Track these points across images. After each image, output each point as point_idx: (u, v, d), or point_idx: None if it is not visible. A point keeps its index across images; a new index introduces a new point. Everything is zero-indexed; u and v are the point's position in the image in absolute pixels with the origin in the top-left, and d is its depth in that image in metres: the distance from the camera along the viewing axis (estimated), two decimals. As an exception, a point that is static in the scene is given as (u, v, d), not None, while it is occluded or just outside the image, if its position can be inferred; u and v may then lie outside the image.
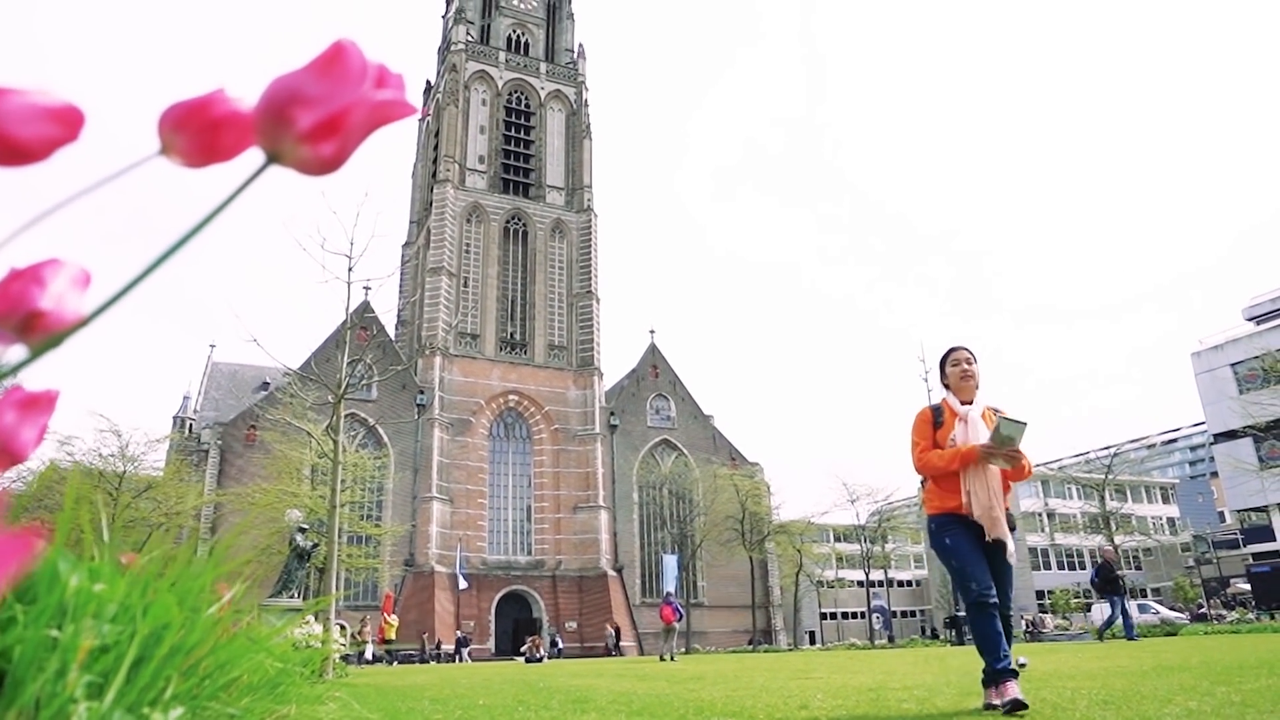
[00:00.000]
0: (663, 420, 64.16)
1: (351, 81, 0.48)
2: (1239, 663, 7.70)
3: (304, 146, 0.47)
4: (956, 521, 4.98)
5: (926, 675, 8.40)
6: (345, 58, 0.49)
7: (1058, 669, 7.03)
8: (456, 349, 57.58)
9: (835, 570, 76.60)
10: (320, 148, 0.48)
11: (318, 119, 0.47)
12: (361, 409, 51.69)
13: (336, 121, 0.47)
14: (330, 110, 0.47)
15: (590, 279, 63.12)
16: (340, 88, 0.48)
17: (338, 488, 15.99)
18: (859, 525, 57.77)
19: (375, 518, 48.98)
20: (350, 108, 0.48)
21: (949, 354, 5.37)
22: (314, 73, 0.48)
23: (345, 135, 0.48)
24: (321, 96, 0.47)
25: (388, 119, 0.50)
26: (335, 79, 0.48)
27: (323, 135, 0.47)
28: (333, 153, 0.48)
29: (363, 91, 0.48)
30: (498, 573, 54.27)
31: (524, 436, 59.41)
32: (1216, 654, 9.74)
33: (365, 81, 0.49)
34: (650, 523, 61.04)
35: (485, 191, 62.70)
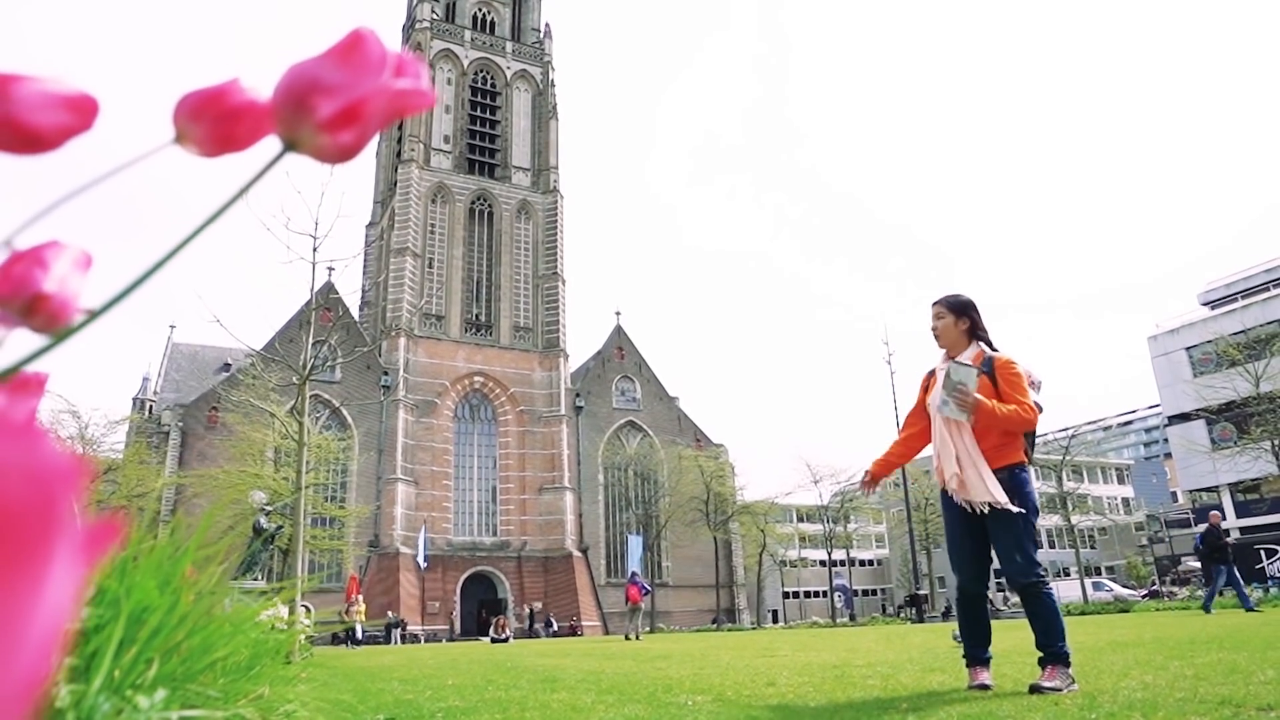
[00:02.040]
0: (628, 402, 64.24)
1: (371, 70, 0.48)
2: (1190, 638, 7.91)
3: (323, 134, 0.48)
4: (946, 497, 4.75)
5: (889, 653, 8.53)
6: (365, 46, 0.49)
7: (1016, 646, 7.18)
8: (421, 330, 57.17)
9: (798, 550, 77.46)
10: (340, 136, 0.48)
11: (338, 107, 0.47)
12: (326, 390, 51.20)
13: (356, 110, 0.47)
14: (351, 99, 0.47)
15: (556, 260, 62.87)
16: (360, 76, 0.48)
17: (303, 470, 15.82)
18: (822, 505, 58.38)
19: (340, 499, 48.65)
20: (370, 96, 0.48)
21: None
22: (334, 61, 0.48)
23: (364, 123, 0.48)
24: (342, 85, 0.47)
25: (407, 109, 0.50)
26: (355, 67, 0.48)
27: (342, 123, 0.48)
28: (352, 140, 0.48)
29: (382, 80, 0.48)
30: (463, 554, 54.19)
31: (489, 418, 59.21)
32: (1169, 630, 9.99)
33: (385, 70, 0.49)
34: (615, 504, 61.21)
35: (450, 172, 62.13)
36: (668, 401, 65.92)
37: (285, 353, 21.12)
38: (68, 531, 0.25)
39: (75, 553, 0.25)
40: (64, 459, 0.25)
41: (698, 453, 58.10)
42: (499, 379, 59.02)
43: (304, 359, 16.42)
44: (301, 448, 16.09)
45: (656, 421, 64.15)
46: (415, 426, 54.76)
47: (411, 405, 54.69)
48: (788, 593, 79.99)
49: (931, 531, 54.58)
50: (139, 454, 39.76)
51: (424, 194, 60.09)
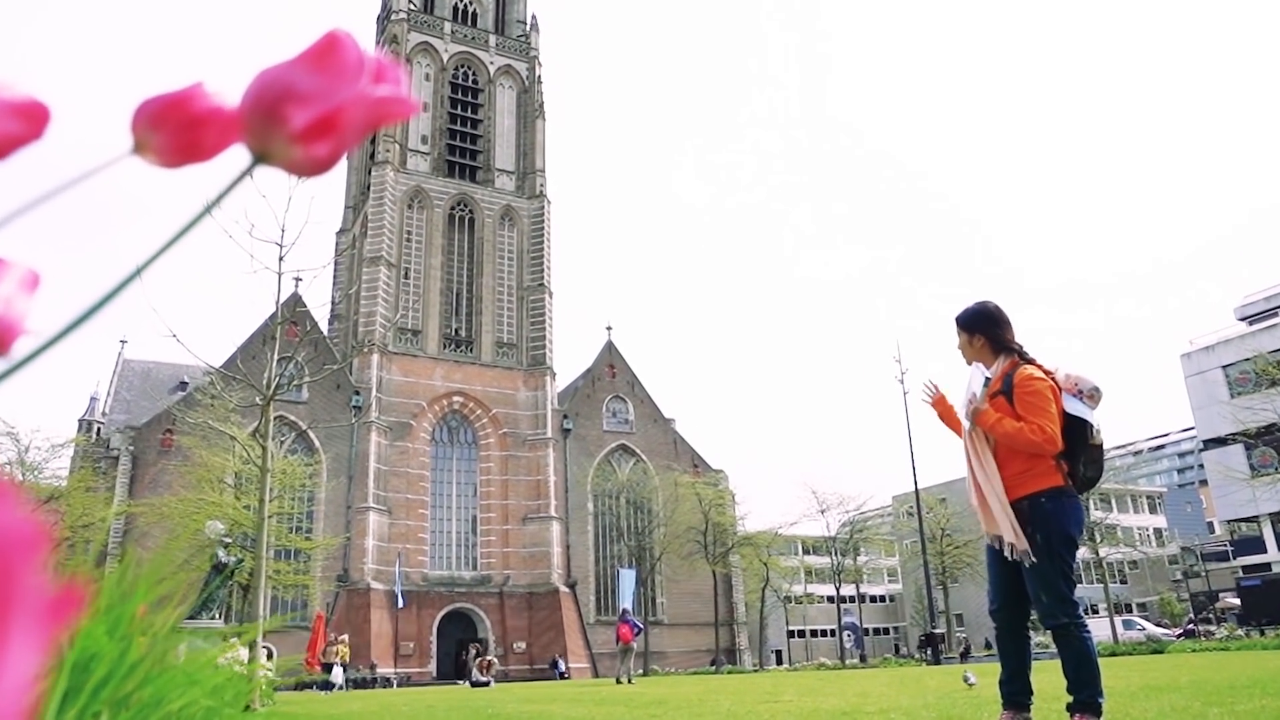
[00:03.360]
0: (620, 424, 64.18)
1: (348, 76, 0.47)
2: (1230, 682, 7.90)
3: (296, 146, 0.47)
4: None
5: (902, 698, 8.50)
6: (340, 50, 0.48)
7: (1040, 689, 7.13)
8: (396, 346, 57.10)
9: (804, 585, 77.16)
10: (314, 148, 0.47)
11: (312, 117, 0.46)
12: (291, 411, 51.05)
13: (332, 120, 0.47)
14: (326, 107, 0.47)
15: (542, 271, 62.94)
16: (336, 83, 0.47)
17: (266, 497, 15.74)
18: (829, 537, 58.26)
19: (306, 530, 48.42)
20: (347, 105, 0.47)
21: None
22: (306, 66, 0.47)
23: (341, 134, 0.47)
24: (316, 92, 0.47)
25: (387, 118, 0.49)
26: (330, 73, 0.47)
27: (317, 134, 0.47)
28: (328, 153, 0.47)
29: (360, 87, 0.48)
30: (440, 589, 53.93)
31: (469, 441, 59.07)
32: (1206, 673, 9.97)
33: (362, 76, 0.48)
34: (606, 534, 61.04)
35: (428, 174, 62.25)
36: (663, 424, 65.85)
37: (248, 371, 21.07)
38: (29, 604, 0.25)
39: (37, 626, 0.25)
40: (24, 525, 0.25)
41: (695, 479, 58.01)
42: (480, 399, 58.93)
43: (268, 377, 16.38)
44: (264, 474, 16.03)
45: (651, 445, 64.08)
46: (389, 451, 54.60)
47: (385, 427, 54.54)
48: (793, 631, 79.75)
49: (948, 565, 54.51)
50: (85, 481, 39.46)
51: (400, 198, 60.17)
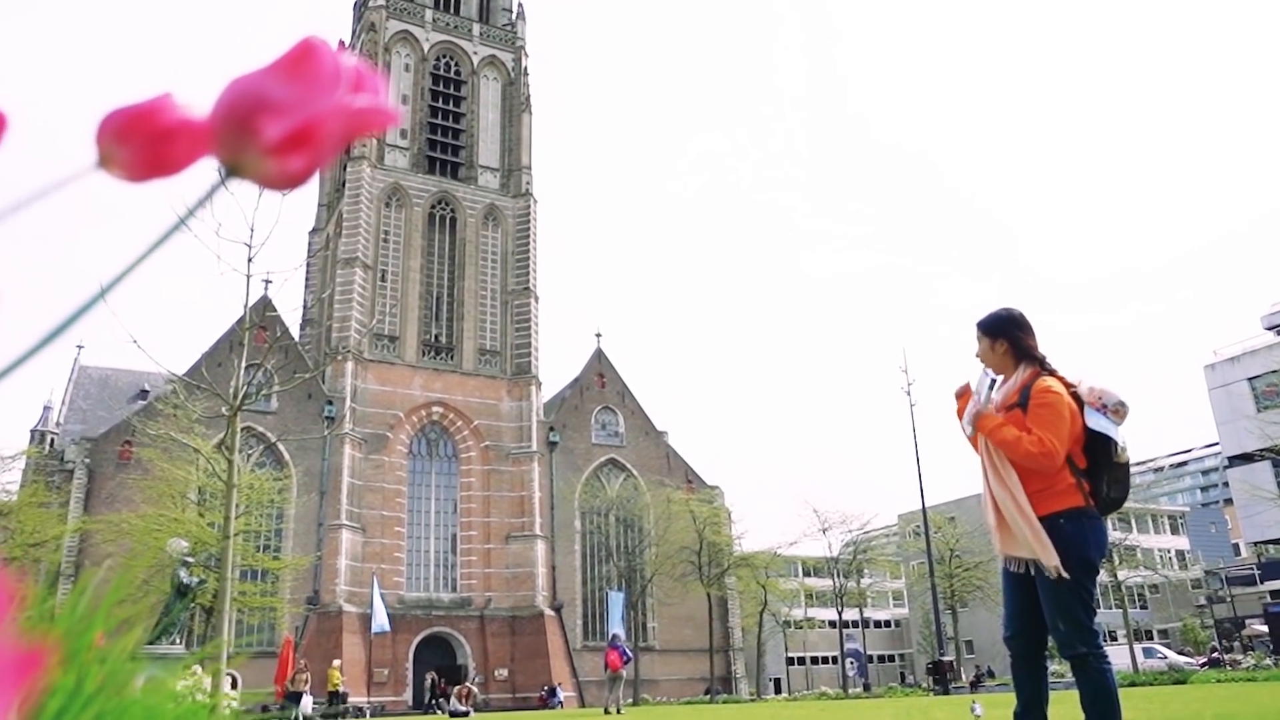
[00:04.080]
0: (610, 436, 64.12)
1: (324, 85, 0.47)
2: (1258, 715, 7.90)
3: (270, 160, 0.47)
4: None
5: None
6: (316, 58, 0.48)
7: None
8: (372, 353, 56.98)
9: (804, 609, 77.20)
10: (289, 161, 0.47)
11: (286, 129, 0.46)
12: (260, 422, 50.85)
13: (308, 132, 0.47)
14: (300, 119, 0.47)
15: (528, 274, 62.92)
16: (311, 93, 0.47)
17: (232, 514, 15.68)
18: (831, 557, 58.31)
19: (274, 549, 48.20)
20: (324, 116, 0.47)
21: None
22: (280, 75, 0.47)
23: (317, 147, 0.47)
24: (290, 103, 0.47)
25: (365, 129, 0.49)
26: (305, 82, 0.47)
27: (292, 147, 0.47)
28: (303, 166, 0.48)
29: (337, 97, 0.48)
30: (416, 612, 53.74)
31: (449, 455, 58.94)
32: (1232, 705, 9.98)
33: (339, 85, 0.48)
34: (594, 554, 60.93)
35: (407, 171, 62.22)
36: (655, 437, 65.82)
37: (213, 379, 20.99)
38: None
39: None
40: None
41: (689, 496, 57.94)
42: (461, 410, 58.83)
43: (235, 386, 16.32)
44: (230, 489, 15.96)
45: (642, 460, 64.03)
46: (363, 464, 54.45)
47: (359, 440, 54.40)
48: (792, 658, 79.66)
49: (958, 588, 54.59)
50: (37, 495, 39.28)
51: (377, 196, 60.11)
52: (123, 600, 1.49)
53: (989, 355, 4.80)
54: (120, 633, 1.47)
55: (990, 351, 4.80)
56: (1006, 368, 4.77)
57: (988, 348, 4.80)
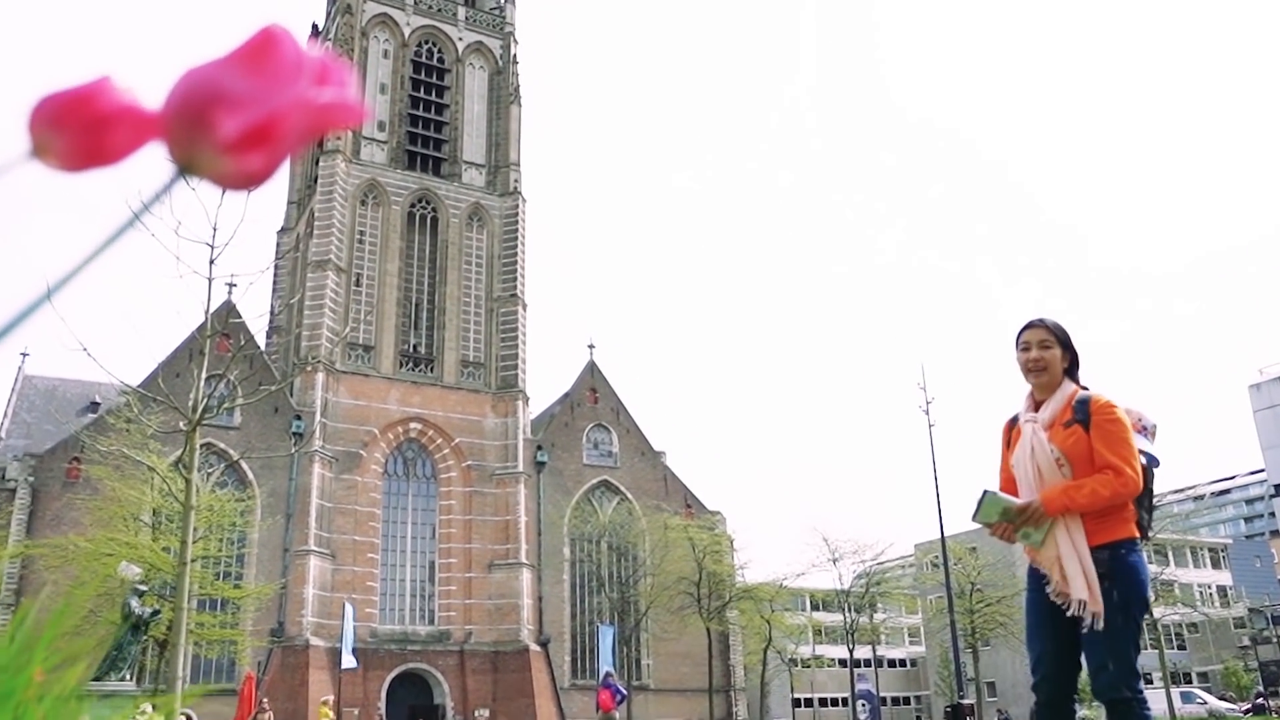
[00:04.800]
0: (602, 456, 64.10)
1: (286, 77, 0.47)
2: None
3: (226, 157, 0.47)
4: (1033, 579, 4.74)
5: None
6: (277, 48, 0.48)
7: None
8: (344, 364, 56.97)
9: (812, 646, 77.00)
10: (246, 159, 0.47)
11: (244, 124, 0.46)
12: (221, 438, 50.77)
13: (268, 128, 0.47)
14: (260, 114, 0.47)
15: (516, 279, 62.97)
16: (272, 85, 0.47)
17: (189, 539, 15.69)
18: (842, 590, 58.23)
19: (235, 576, 48.09)
20: (285, 111, 0.47)
21: (1021, 333, 4.87)
22: (239, 66, 0.47)
23: (277, 144, 0.47)
24: (249, 96, 0.47)
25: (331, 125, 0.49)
26: (265, 74, 0.47)
27: (250, 144, 0.47)
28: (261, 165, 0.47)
29: (299, 90, 0.48)
30: (390, 647, 53.58)
31: (428, 475, 58.87)
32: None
33: (303, 77, 0.48)
34: (584, 585, 60.84)
35: (385, 166, 62.31)
36: (652, 457, 65.79)
37: (170, 390, 20.99)
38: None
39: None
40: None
41: (688, 522, 57.92)
42: (441, 426, 58.79)
43: (194, 399, 16.34)
44: (188, 510, 15.98)
45: (637, 482, 63.98)
46: (334, 485, 54.37)
47: (330, 458, 54.33)
48: (799, 700, 79.40)
49: (979, 625, 54.45)
50: (-23, 516, 39.26)
51: (351, 194, 60.18)
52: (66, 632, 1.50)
53: (1056, 365, 4.72)
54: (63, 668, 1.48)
55: (1045, 358, 4.71)
56: (1053, 381, 4.72)
57: (1058, 356, 4.73)
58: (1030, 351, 4.72)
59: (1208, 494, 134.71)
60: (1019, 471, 4.65)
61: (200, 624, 37.18)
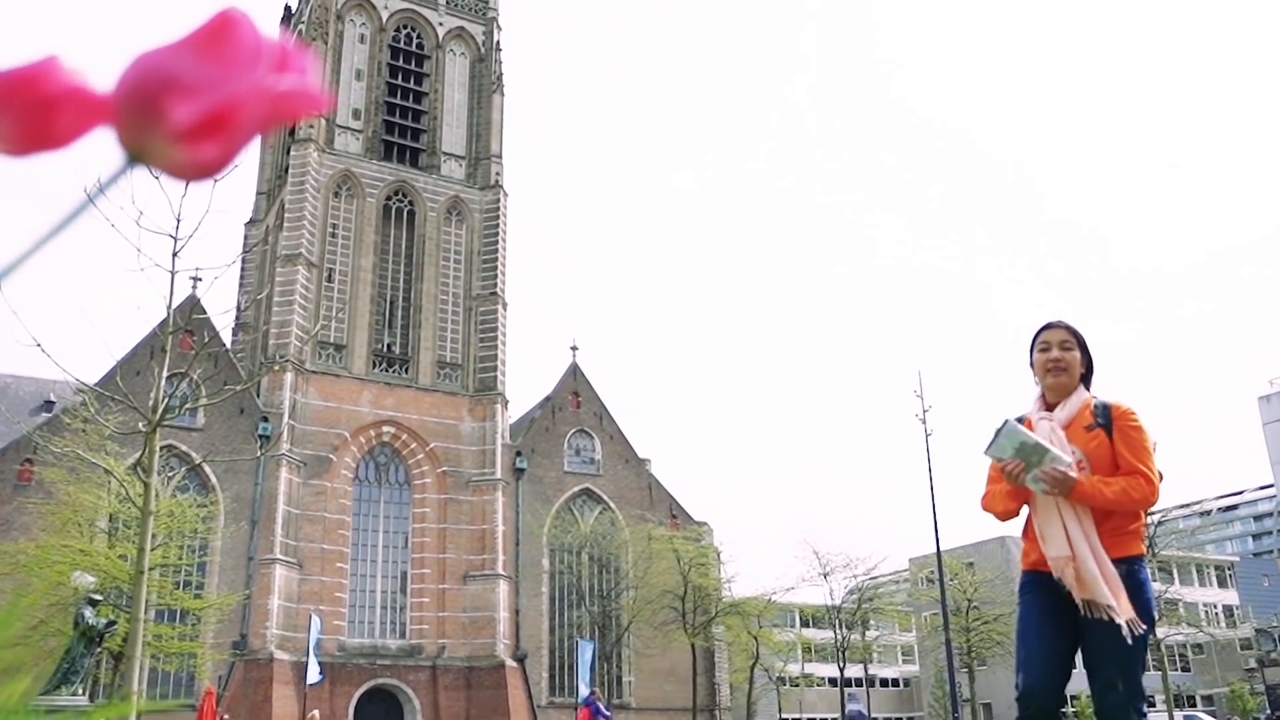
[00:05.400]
0: (584, 464, 64.03)
1: (242, 63, 0.47)
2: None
3: (179, 146, 0.47)
4: (1036, 582, 4.68)
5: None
6: (234, 32, 0.47)
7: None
8: (315, 364, 56.76)
9: (801, 664, 77.19)
10: (200, 149, 0.47)
11: (198, 112, 0.46)
12: (183, 440, 50.54)
13: (222, 116, 0.46)
14: (215, 101, 0.46)
15: (496, 277, 62.88)
16: (228, 71, 0.47)
17: (147, 546, 15.56)
18: (833, 606, 58.37)
19: (195, 586, 47.90)
20: (242, 99, 0.46)
21: (1038, 334, 4.97)
22: (193, 51, 0.47)
23: (232, 133, 0.47)
24: (204, 82, 0.46)
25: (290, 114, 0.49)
26: (222, 60, 0.47)
27: (205, 133, 0.46)
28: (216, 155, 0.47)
29: (257, 77, 0.47)
30: (359, 661, 53.39)
31: (401, 481, 58.71)
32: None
33: (260, 63, 0.48)
34: (564, 598, 60.73)
35: (360, 157, 62.15)
36: (636, 465, 65.76)
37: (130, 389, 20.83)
38: None
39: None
40: None
41: (673, 533, 57.92)
42: (416, 430, 58.65)
43: (155, 398, 16.21)
44: (146, 516, 15.84)
45: (620, 490, 63.93)
46: (302, 490, 54.18)
47: (298, 462, 54.14)
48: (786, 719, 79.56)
49: (975, 643, 54.66)
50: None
51: (324, 185, 60.01)
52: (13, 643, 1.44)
53: (1072, 365, 4.82)
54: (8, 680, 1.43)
55: (1075, 362, 4.83)
56: (1068, 386, 4.81)
57: (1075, 359, 4.84)
58: (1050, 351, 4.82)
59: (1214, 510, 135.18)
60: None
61: (158, 636, 37.00)
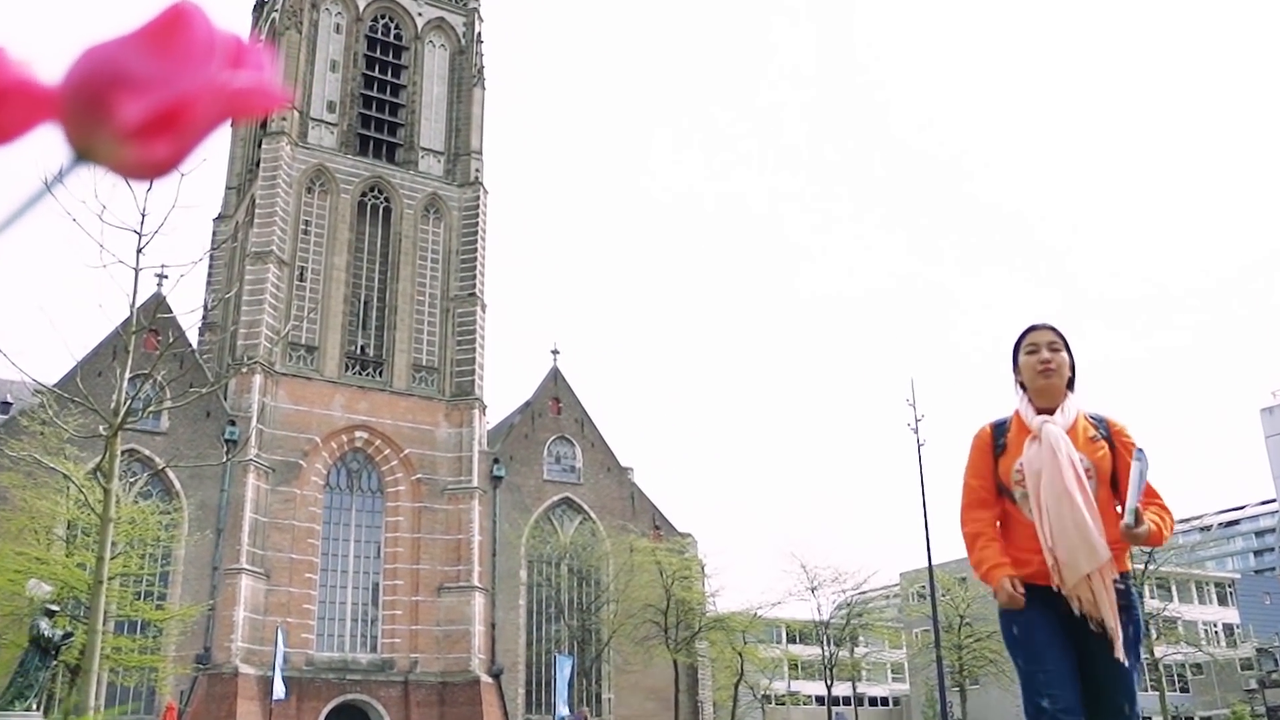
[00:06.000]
0: (565, 472, 63.99)
1: (195, 58, 0.46)
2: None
3: (127, 144, 0.46)
4: (1033, 597, 4.50)
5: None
6: (187, 26, 0.47)
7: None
8: (285, 366, 56.59)
9: (787, 681, 77.26)
10: (151, 147, 0.46)
11: (149, 110, 0.45)
12: (146, 444, 50.29)
13: (175, 114, 0.46)
14: (167, 98, 0.45)
15: (475, 277, 62.80)
16: (180, 67, 0.46)
17: (107, 554, 15.46)
18: (821, 621, 58.44)
19: (158, 596, 47.70)
20: (194, 95, 0.46)
21: (1024, 336, 4.90)
22: (144, 45, 0.46)
23: (184, 131, 0.46)
24: (155, 78, 0.45)
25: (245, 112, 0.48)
26: (173, 55, 0.46)
27: (155, 132, 0.46)
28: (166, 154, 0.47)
29: (211, 72, 0.47)
30: (328, 676, 53.22)
31: (374, 489, 58.56)
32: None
33: (214, 58, 0.47)
34: (542, 611, 60.68)
35: (335, 151, 62.03)
36: (618, 474, 65.73)
37: (90, 390, 20.72)
38: None
39: None
40: None
41: (656, 544, 57.94)
42: (390, 435, 58.51)
43: (117, 400, 16.11)
44: (106, 523, 15.74)
45: (602, 500, 63.91)
46: (270, 498, 54.00)
47: (266, 468, 53.95)
48: (773, 740, 79.57)
49: (967, 661, 54.79)
50: None
51: (297, 180, 59.87)
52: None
53: (1062, 368, 4.79)
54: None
55: (1065, 365, 4.81)
56: (1057, 392, 4.77)
57: (1065, 361, 4.81)
58: (1040, 353, 4.77)
59: (1215, 525, 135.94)
60: (1047, 477, 4.49)
61: (117, 648, 36.83)
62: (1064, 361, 4.79)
